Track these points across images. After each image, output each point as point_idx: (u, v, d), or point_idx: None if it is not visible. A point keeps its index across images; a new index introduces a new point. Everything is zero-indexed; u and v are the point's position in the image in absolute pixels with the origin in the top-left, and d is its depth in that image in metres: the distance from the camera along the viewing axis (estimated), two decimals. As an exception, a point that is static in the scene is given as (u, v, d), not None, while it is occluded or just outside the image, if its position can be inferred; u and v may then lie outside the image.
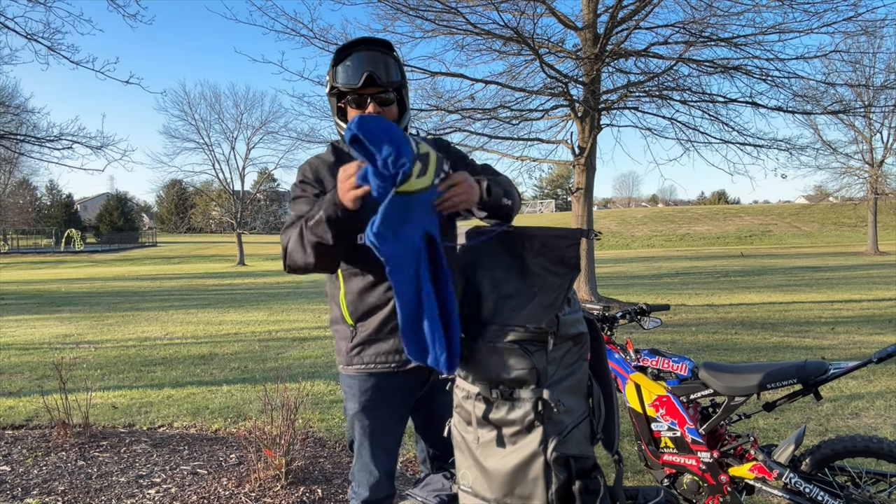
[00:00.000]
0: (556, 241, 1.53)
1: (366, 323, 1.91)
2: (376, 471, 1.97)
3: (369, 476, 1.97)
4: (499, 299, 1.58)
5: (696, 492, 2.66)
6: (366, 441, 1.96)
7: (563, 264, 1.54)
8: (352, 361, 1.94)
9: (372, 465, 1.97)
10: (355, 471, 2.01)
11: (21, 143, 12.13)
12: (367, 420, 1.95)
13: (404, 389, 1.97)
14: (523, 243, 1.56)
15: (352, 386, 1.96)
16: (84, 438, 4.11)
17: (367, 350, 1.92)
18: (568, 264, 1.54)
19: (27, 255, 43.35)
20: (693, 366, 2.72)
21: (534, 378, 1.50)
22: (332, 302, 2.00)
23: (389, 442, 2.01)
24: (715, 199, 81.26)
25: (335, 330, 2.01)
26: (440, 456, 2.11)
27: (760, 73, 10.21)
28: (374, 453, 1.97)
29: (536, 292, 1.53)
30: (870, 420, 4.33)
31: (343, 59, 1.83)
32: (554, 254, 1.53)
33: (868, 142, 25.62)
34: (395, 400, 1.97)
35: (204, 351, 7.60)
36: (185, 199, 58.95)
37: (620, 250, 35.26)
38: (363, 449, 1.97)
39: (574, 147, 11.05)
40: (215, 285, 18.80)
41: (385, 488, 1.99)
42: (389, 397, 1.96)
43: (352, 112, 1.86)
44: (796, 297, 11.65)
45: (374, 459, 1.97)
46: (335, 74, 1.84)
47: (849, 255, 25.56)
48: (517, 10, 10.13)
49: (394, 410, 1.99)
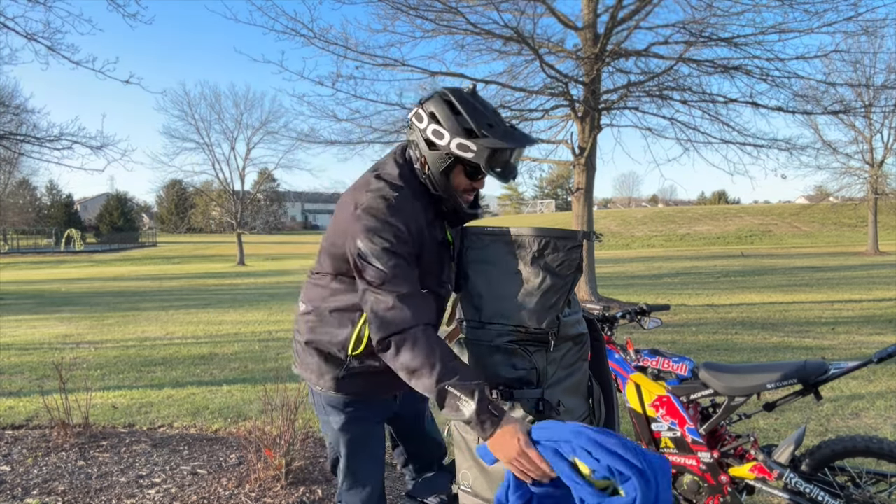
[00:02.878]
0: (558, 242, 1.53)
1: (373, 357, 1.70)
2: (368, 485, 1.90)
3: (361, 491, 1.89)
4: (500, 300, 1.58)
5: (696, 492, 2.66)
6: (356, 454, 1.88)
7: (565, 266, 1.54)
8: (340, 388, 1.83)
9: (364, 478, 1.90)
10: (343, 491, 1.92)
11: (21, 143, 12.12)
12: (355, 430, 1.87)
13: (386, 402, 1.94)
14: (525, 245, 1.56)
15: (335, 402, 1.86)
16: (84, 438, 4.11)
17: (363, 381, 1.82)
18: (570, 266, 1.54)
19: (27, 255, 43.35)
20: (693, 366, 2.72)
21: (534, 378, 1.51)
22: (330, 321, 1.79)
23: (377, 450, 1.94)
24: (715, 199, 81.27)
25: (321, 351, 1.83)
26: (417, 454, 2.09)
27: (760, 73, 10.20)
28: (366, 465, 1.90)
29: (538, 294, 1.53)
30: (870, 420, 4.33)
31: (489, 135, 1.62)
32: (556, 255, 1.53)
33: (868, 142, 25.61)
34: (378, 409, 1.93)
35: (204, 351, 7.60)
36: (185, 199, 58.96)
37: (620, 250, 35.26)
38: (352, 462, 1.88)
39: (574, 147, 11.05)
40: (215, 285, 18.79)
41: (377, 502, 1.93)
42: (373, 407, 1.91)
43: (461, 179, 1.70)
44: (796, 297, 11.65)
45: (366, 472, 1.90)
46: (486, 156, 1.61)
47: (849, 255, 25.55)
48: (517, 10, 10.13)
49: (378, 418, 1.95)
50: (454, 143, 1.62)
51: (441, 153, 1.66)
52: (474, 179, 1.71)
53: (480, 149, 1.60)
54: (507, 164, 1.64)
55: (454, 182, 1.70)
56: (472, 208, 1.77)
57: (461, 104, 1.64)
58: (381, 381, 1.79)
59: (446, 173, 1.68)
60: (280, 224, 64.12)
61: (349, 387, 1.82)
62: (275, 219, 58.34)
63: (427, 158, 1.69)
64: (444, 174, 1.68)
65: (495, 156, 1.61)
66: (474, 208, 1.78)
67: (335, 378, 1.81)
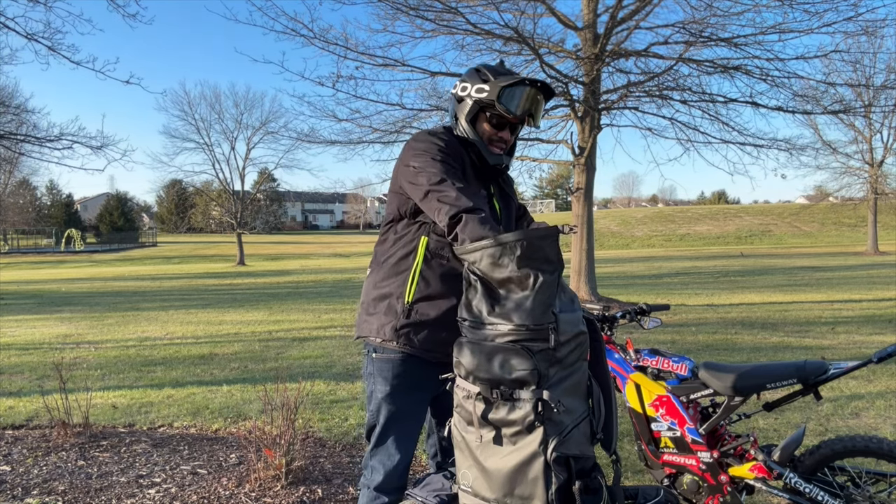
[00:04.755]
0: (538, 241, 1.56)
1: (429, 305, 1.89)
2: (397, 455, 1.95)
3: (388, 459, 1.95)
4: (499, 299, 1.59)
5: (696, 492, 2.66)
6: (392, 424, 1.94)
7: (548, 261, 1.57)
8: (398, 340, 1.90)
9: (393, 449, 1.95)
10: (371, 456, 1.98)
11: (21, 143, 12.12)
12: (397, 403, 1.93)
13: (433, 379, 1.92)
14: (510, 248, 1.57)
15: (384, 368, 1.93)
16: (84, 438, 4.11)
17: (420, 333, 1.90)
18: (552, 260, 1.57)
19: (27, 255, 43.35)
20: (693, 366, 2.72)
21: (535, 379, 1.51)
22: (390, 273, 1.96)
23: (414, 428, 1.99)
24: (715, 199, 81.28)
25: (379, 304, 1.96)
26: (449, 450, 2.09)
27: (760, 73, 10.21)
28: (399, 438, 1.95)
29: (532, 292, 1.55)
30: (870, 420, 4.33)
31: (515, 83, 1.92)
32: (539, 253, 1.56)
33: (868, 142, 25.63)
34: (425, 387, 1.96)
35: (204, 351, 7.60)
36: (185, 199, 58.96)
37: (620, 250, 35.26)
38: (388, 432, 1.95)
39: (574, 147, 11.05)
40: (215, 285, 18.79)
41: (400, 476, 1.97)
42: (420, 383, 1.94)
43: (486, 126, 1.99)
44: (796, 297, 11.65)
45: (397, 443, 1.95)
46: (501, 94, 1.92)
47: (849, 255, 25.55)
48: (517, 10, 10.14)
49: (423, 397, 1.98)
50: (474, 89, 1.97)
51: (466, 103, 1.99)
52: (500, 129, 1.99)
53: (493, 87, 1.92)
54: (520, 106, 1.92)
55: (480, 130, 2.00)
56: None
57: (485, 68, 2.00)
58: (438, 338, 1.89)
59: (473, 122, 1.99)
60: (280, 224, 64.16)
61: (407, 338, 1.91)
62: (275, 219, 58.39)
63: (458, 112, 2.01)
64: (470, 123, 1.99)
65: (506, 93, 1.91)
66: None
67: (394, 328, 1.91)
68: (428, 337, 1.89)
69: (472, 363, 1.59)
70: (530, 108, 1.96)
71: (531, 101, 1.94)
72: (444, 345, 1.84)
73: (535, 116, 1.98)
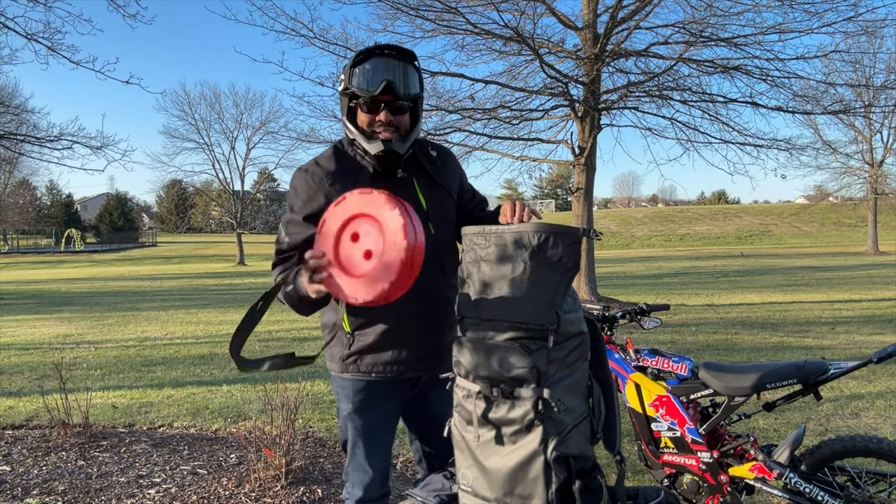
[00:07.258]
0: (558, 238, 1.53)
1: (365, 332, 1.91)
2: (370, 470, 1.97)
3: (363, 475, 1.98)
4: (499, 297, 1.58)
5: (696, 492, 2.66)
6: (360, 441, 1.97)
7: (562, 262, 1.53)
8: (347, 369, 1.95)
9: (366, 465, 1.97)
10: (349, 470, 2.02)
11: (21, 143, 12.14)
12: (361, 420, 1.96)
13: (397, 392, 1.98)
14: (525, 241, 1.55)
15: (345, 387, 1.97)
16: (84, 438, 4.11)
17: (364, 359, 1.92)
18: (568, 262, 1.54)
19: (27, 255, 43.35)
20: (693, 366, 2.72)
21: (534, 377, 1.50)
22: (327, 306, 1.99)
23: (383, 441, 2.01)
24: (715, 199, 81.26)
25: (329, 331, 2.01)
26: (435, 455, 2.11)
27: (760, 73, 10.21)
28: (368, 452, 1.98)
29: (536, 290, 1.53)
30: (870, 420, 4.33)
31: (362, 61, 1.79)
32: (556, 251, 1.53)
33: (868, 142, 25.64)
34: (388, 401, 1.98)
35: (204, 351, 7.60)
36: (185, 199, 58.91)
37: (620, 250, 35.26)
38: (357, 448, 1.98)
39: (574, 147, 11.05)
40: (215, 285, 18.79)
41: (379, 488, 1.99)
42: (383, 398, 1.97)
43: (362, 116, 1.83)
44: (796, 297, 11.65)
45: (368, 458, 1.98)
46: (352, 76, 1.80)
47: (849, 255, 25.56)
48: (517, 10, 10.14)
49: (387, 410, 2.00)
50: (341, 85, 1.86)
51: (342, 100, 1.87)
52: (375, 112, 1.82)
53: (346, 72, 1.82)
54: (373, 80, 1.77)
55: (360, 122, 1.85)
56: None
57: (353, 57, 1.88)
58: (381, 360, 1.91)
59: (350, 118, 1.86)
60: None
61: (354, 365, 1.93)
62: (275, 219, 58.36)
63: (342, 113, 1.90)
64: (348, 118, 1.86)
65: (356, 73, 1.79)
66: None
67: (342, 358, 1.95)
68: (372, 361, 1.92)
69: (471, 361, 1.58)
70: (386, 77, 1.76)
71: (384, 70, 1.77)
72: (390, 364, 1.91)
73: (395, 84, 1.77)
